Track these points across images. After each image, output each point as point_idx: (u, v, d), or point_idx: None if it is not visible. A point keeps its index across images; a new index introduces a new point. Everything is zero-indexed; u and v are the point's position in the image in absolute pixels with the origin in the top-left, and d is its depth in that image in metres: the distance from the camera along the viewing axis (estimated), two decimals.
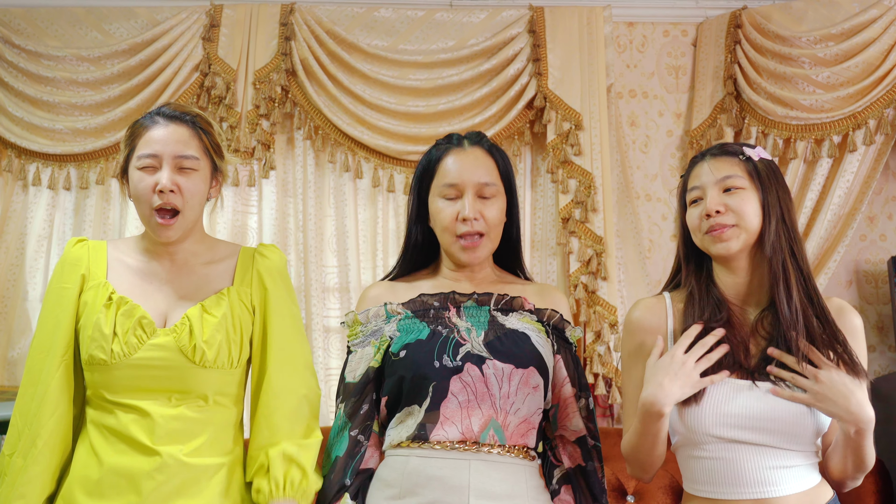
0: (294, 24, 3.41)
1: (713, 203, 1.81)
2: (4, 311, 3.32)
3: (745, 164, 1.84)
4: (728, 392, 1.76)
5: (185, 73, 3.37)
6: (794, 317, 1.76)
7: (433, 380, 1.82)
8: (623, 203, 3.49)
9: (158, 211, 1.84)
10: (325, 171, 3.46)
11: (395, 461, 1.84)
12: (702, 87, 3.56)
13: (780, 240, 1.79)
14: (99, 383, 1.82)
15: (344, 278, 3.38)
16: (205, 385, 1.84)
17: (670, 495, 2.93)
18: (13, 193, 3.40)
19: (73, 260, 1.89)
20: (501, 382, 1.82)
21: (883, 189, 3.52)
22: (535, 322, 1.94)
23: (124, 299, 1.84)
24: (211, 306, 1.88)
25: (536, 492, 1.85)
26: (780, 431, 1.74)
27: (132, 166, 1.86)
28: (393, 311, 1.94)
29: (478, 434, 1.81)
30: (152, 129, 1.86)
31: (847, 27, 3.31)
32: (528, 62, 3.44)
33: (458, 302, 1.94)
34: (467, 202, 1.90)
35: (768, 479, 1.74)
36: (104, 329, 1.80)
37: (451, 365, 1.82)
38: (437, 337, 1.87)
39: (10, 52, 3.40)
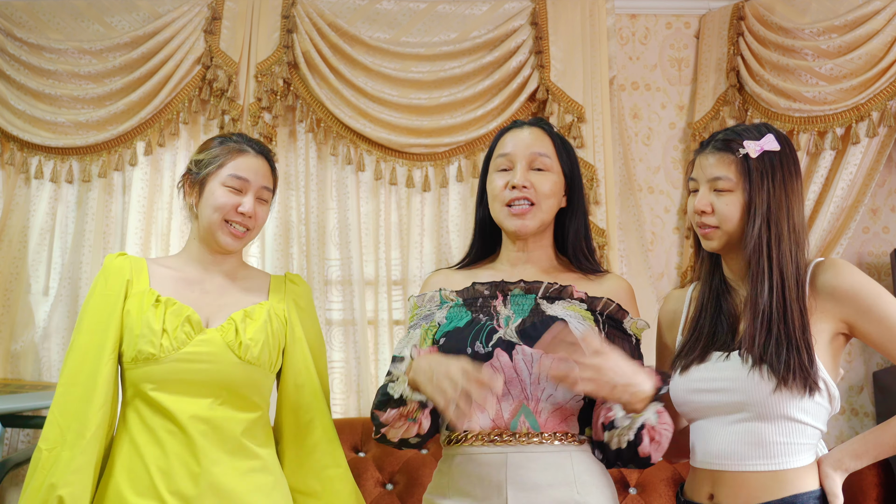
0: (296, 17, 3.41)
1: (700, 202, 1.86)
2: (7, 304, 3.33)
3: (740, 162, 1.84)
4: (699, 363, 1.84)
5: (187, 66, 3.37)
6: (757, 314, 1.78)
7: None
8: (625, 195, 3.49)
9: (230, 224, 2.04)
10: (327, 164, 3.46)
11: (445, 461, 1.89)
12: (704, 79, 3.55)
13: (761, 241, 1.80)
14: (145, 379, 1.92)
15: (346, 271, 3.38)
16: (246, 383, 1.97)
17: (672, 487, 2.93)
18: (15, 187, 3.41)
19: (117, 269, 2.03)
20: (531, 367, 1.80)
21: (886, 181, 3.51)
22: (582, 310, 1.90)
23: (171, 300, 1.98)
24: (252, 312, 2.03)
25: (589, 475, 1.81)
26: (735, 391, 1.76)
27: (215, 181, 2.05)
28: (447, 297, 1.98)
29: (508, 421, 1.80)
30: (244, 157, 2.08)
31: (850, 19, 3.30)
32: (530, 54, 3.44)
33: (506, 290, 1.94)
34: (519, 170, 1.94)
35: (730, 452, 1.77)
36: (154, 325, 1.93)
37: (482, 351, 1.82)
38: (474, 324, 1.88)
39: (12, 45, 3.40)
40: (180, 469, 1.85)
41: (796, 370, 1.72)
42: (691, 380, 1.83)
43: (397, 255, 3.46)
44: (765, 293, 1.78)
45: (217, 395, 1.92)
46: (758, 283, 1.79)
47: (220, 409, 1.92)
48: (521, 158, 1.95)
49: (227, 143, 2.10)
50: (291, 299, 2.13)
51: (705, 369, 1.83)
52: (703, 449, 1.83)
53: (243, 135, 2.16)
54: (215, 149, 2.09)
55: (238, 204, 2.03)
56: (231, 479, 1.88)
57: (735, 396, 1.77)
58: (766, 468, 1.75)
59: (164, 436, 1.88)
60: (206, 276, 2.08)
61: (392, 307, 3.40)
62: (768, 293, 1.78)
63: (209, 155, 2.08)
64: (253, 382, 1.98)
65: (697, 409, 1.84)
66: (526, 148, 1.97)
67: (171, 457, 1.86)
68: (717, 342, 1.86)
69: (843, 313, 1.79)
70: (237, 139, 2.12)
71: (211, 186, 2.05)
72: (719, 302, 1.90)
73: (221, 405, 1.93)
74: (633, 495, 2.94)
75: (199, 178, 2.07)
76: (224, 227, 2.03)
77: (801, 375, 1.72)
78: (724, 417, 1.79)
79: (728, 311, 1.89)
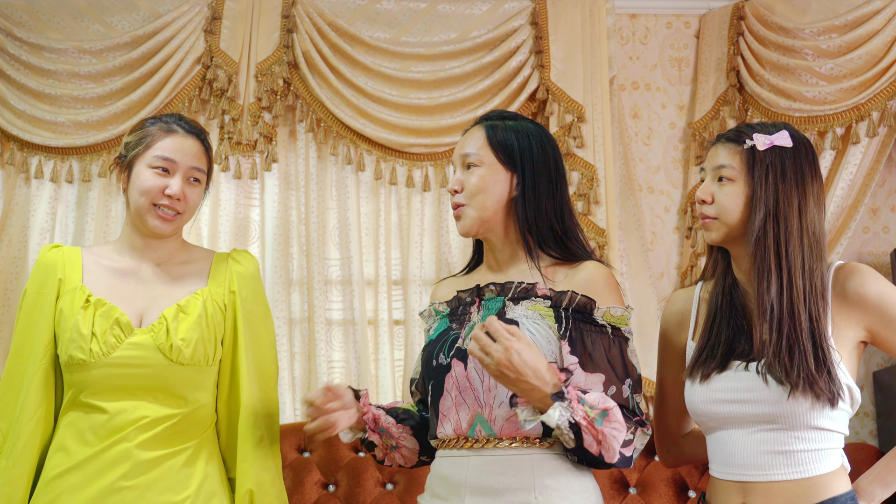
0: (296, 17, 3.41)
1: (702, 191, 1.83)
2: (7, 304, 3.33)
3: (745, 152, 1.79)
4: (719, 373, 1.78)
5: (188, 66, 3.37)
6: (764, 316, 1.73)
7: (431, 378, 1.87)
8: (625, 195, 3.49)
9: (159, 208, 1.94)
10: (327, 164, 3.46)
11: (432, 465, 1.92)
12: (704, 79, 3.55)
13: (766, 236, 1.74)
14: (78, 384, 1.87)
15: (346, 271, 3.38)
16: (181, 382, 1.90)
17: (672, 487, 2.93)
18: (16, 186, 3.40)
19: (48, 265, 1.95)
20: (483, 376, 1.79)
21: (886, 181, 3.51)
22: (545, 308, 1.84)
23: (101, 301, 1.90)
24: (186, 306, 1.94)
25: (552, 479, 1.76)
26: (758, 402, 1.72)
27: (142, 163, 1.95)
28: (438, 310, 1.99)
29: (465, 430, 1.80)
30: (171, 137, 1.97)
31: (850, 18, 3.30)
32: (530, 54, 3.44)
33: (482, 294, 1.91)
34: (456, 174, 1.94)
35: (757, 463, 1.73)
36: (82, 329, 1.86)
37: (444, 363, 1.85)
38: (445, 336, 1.89)
39: (12, 44, 3.40)
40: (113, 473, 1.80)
41: (806, 376, 1.67)
42: (712, 390, 1.77)
43: (397, 255, 3.46)
44: (772, 292, 1.72)
45: (153, 396, 1.86)
46: (764, 281, 1.73)
47: (155, 410, 1.86)
48: (457, 162, 1.95)
49: (156, 123, 2.01)
50: (230, 282, 2.02)
51: (726, 379, 1.77)
52: (727, 460, 1.77)
53: (177, 115, 2.06)
54: (144, 129, 2.00)
55: (165, 186, 1.93)
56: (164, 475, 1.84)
57: (758, 408, 1.72)
58: (796, 476, 1.71)
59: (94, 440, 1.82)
60: (141, 265, 1.99)
61: (392, 307, 3.40)
62: (776, 293, 1.72)
63: (137, 136, 1.99)
64: (189, 381, 1.91)
65: (718, 420, 1.78)
66: (459, 150, 1.95)
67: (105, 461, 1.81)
68: (735, 349, 1.79)
69: (867, 322, 1.75)
70: (167, 119, 2.02)
71: (137, 169, 1.96)
72: (733, 304, 1.83)
73: (158, 405, 1.86)
74: (633, 495, 2.94)
75: (126, 160, 1.99)
76: (152, 211, 1.93)
77: (817, 383, 1.67)
78: (748, 428, 1.74)
79: (742, 314, 1.82)
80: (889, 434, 3.19)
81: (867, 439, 3.28)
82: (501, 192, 1.90)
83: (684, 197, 3.53)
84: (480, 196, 1.89)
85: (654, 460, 3.00)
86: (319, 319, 3.32)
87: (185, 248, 2.08)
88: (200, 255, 2.08)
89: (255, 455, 1.94)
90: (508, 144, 1.92)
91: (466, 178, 1.90)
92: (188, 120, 2.04)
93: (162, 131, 1.98)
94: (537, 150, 1.92)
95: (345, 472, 2.97)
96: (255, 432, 1.95)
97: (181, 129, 1.99)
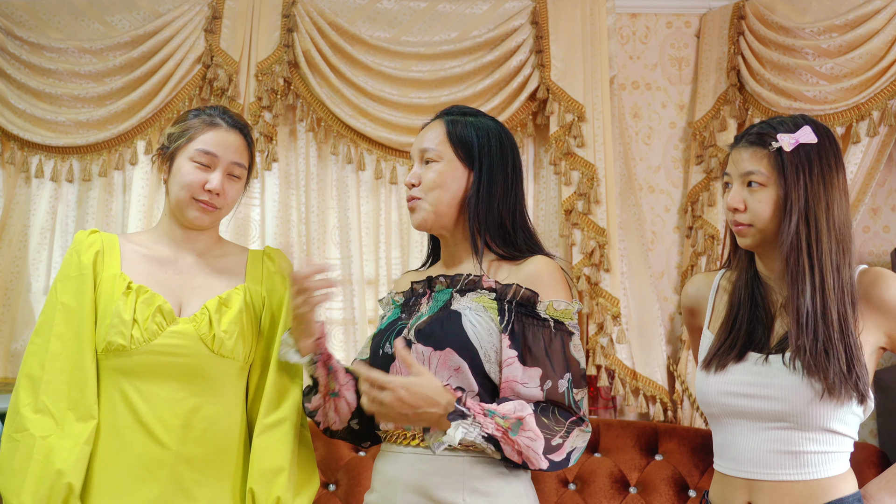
0: (296, 16, 3.41)
1: (734, 199, 1.80)
2: (8, 303, 3.33)
3: (773, 156, 1.77)
4: (736, 364, 1.78)
5: (188, 65, 3.37)
6: (801, 319, 1.71)
7: (377, 367, 1.83)
8: (626, 195, 3.49)
9: (199, 202, 1.95)
10: (327, 163, 3.46)
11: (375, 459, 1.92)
12: (705, 78, 3.55)
13: (799, 239, 1.73)
14: (116, 369, 1.87)
15: (346, 270, 3.38)
16: (218, 373, 1.91)
17: (672, 487, 2.93)
18: (16, 186, 3.40)
19: (88, 246, 1.95)
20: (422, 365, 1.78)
21: (886, 180, 3.51)
22: (489, 300, 1.83)
23: (143, 288, 1.90)
24: (228, 299, 1.95)
25: (482, 483, 1.75)
26: (778, 399, 1.71)
27: (184, 155, 1.96)
28: (394, 299, 2.01)
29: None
30: (214, 130, 1.97)
31: (851, 18, 3.29)
32: (530, 54, 3.44)
33: (433, 286, 1.93)
34: (415, 168, 1.96)
35: (765, 461, 1.73)
36: (124, 315, 1.85)
37: (389, 352, 1.85)
38: (393, 325, 1.90)
39: (12, 44, 3.40)
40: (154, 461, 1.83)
41: (842, 378, 1.67)
42: (727, 382, 1.77)
43: (397, 255, 3.46)
44: (806, 295, 1.71)
45: (191, 384, 1.88)
46: (798, 284, 1.73)
47: (194, 399, 1.87)
48: (415, 156, 1.96)
49: (200, 115, 2.01)
50: (269, 280, 2.05)
51: (743, 371, 1.76)
52: (734, 456, 1.78)
53: (220, 107, 2.05)
54: (187, 122, 2.00)
55: (205, 181, 1.94)
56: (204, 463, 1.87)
57: (775, 405, 1.72)
58: (803, 478, 1.71)
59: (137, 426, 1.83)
60: (179, 255, 2.00)
61: None
62: (810, 295, 1.71)
63: (180, 128, 2.00)
64: (226, 374, 1.93)
65: (727, 411, 1.78)
66: (418, 143, 1.96)
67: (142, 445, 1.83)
68: (753, 342, 1.79)
69: (889, 327, 1.76)
70: (211, 112, 2.02)
71: (179, 161, 1.96)
72: (754, 297, 1.83)
73: (196, 395, 1.88)
74: (634, 494, 2.94)
75: (168, 152, 1.99)
76: (192, 204, 1.95)
77: (849, 382, 1.68)
78: (758, 423, 1.74)
79: (763, 307, 1.82)
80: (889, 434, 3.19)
81: (867, 439, 3.28)
82: (458, 188, 1.91)
83: (685, 196, 3.53)
84: (437, 191, 1.90)
85: (654, 459, 3.00)
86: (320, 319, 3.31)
87: (220, 242, 2.10)
88: (235, 251, 2.10)
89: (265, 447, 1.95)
90: (468, 141, 1.92)
91: (424, 172, 1.92)
92: (232, 113, 2.04)
93: (205, 124, 1.98)
94: (496, 147, 1.92)
95: (345, 471, 2.97)
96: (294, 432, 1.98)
97: (224, 123, 1.99)
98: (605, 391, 3.28)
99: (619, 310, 3.22)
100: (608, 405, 3.35)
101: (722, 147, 3.38)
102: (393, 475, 1.81)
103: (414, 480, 1.77)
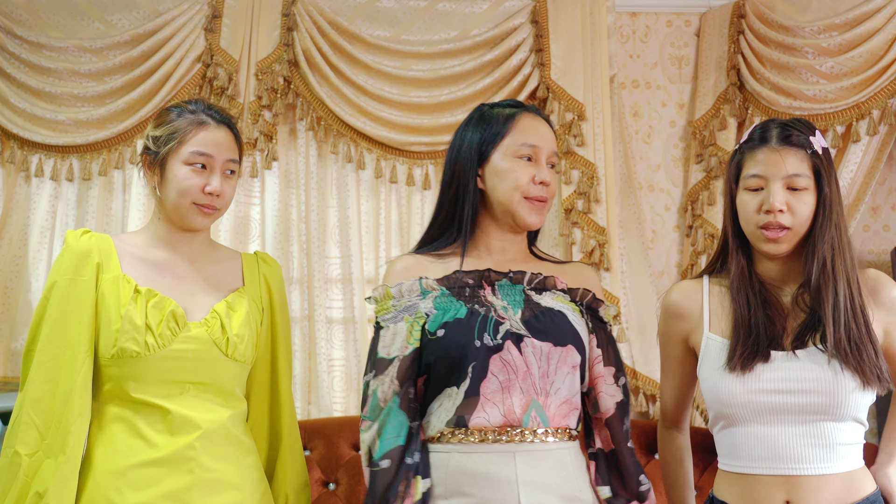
0: (296, 15, 3.41)
1: (778, 200, 1.78)
2: (7, 302, 3.33)
3: (811, 158, 1.79)
4: (763, 364, 1.77)
5: (188, 64, 3.37)
6: (837, 316, 1.75)
7: (473, 359, 1.77)
8: (626, 194, 3.49)
9: (200, 206, 1.91)
10: (327, 162, 3.46)
11: (438, 458, 1.80)
12: (705, 77, 3.55)
13: (833, 240, 1.77)
14: (126, 376, 1.81)
15: (346, 269, 3.38)
16: (229, 377, 1.90)
17: None
18: (16, 185, 3.40)
19: (84, 251, 1.87)
20: (540, 361, 1.79)
21: (886, 179, 3.51)
22: (568, 301, 1.91)
23: (152, 292, 1.85)
24: (234, 303, 1.93)
25: (581, 471, 1.85)
26: (818, 392, 1.72)
27: (177, 159, 1.90)
28: (428, 287, 1.88)
29: (520, 416, 1.77)
30: (205, 130, 1.92)
31: (851, 17, 3.29)
32: (530, 52, 3.44)
33: (492, 280, 1.90)
34: (544, 167, 1.93)
35: (804, 456, 1.72)
36: (136, 321, 1.80)
37: (491, 344, 1.78)
38: (475, 316, 1.82)
39: (12, 43, 3.40)
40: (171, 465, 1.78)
41: (874, 369, 1.73)
42: (759, 380, 1.76)
43: (397, 254, 3.45)
44: (841, 293, 1.75)
45: (204, 389, 1.85)
46: (834, 283, 1.76)
47: (206, 403, 1.85)
48: (545, 154, 1.93)
49: (184, 114, 1.94)
50: (266, 284, 2.04)
51: (773, 369, 1.76)
52: (767, 454, 1.76)
53: (202, 102, 1.99)
54: (173, 122, 1.93)
55: (205, 185, 1.89)
56: (224, 466, 1.83)
57: (815, 398, 1.73)
58: (841, 470, 1.73)
59: (150, 434, 1.79)
60: (175, 259, 1.95)
61: None
62: (844, 293, 1.75)
63: (167, 130, 1.92)
64: (235, 376, 1.92)
65: (759, 410, 1.76)
66: (550, 144, 1.95)
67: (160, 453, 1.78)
68: (772, 340, 1.79)
69: (887, 323, 1.82)
70: (194, 108, 1.95)
71: (173, 166, 1.90)
72: (765, 298, 1.84)
73: (207, 400, 1.85)
74: None
75: (158, 157, 1.92)
76: (193, 209, 1.90)
77: (881, 373, 1.74)
78: (792, 418, 1.74)
79: (774, 308, 1.83)
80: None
81: (868, 438, 3.28)
82: None
83: (684, 195, 3.53)
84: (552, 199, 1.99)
85: (654, 458, 3.00)
86: (320, 318, 3.32)
87: (212, 244, 2.06)
88: (229, 255, 2.06)
89: (293, 459, 2.00)
90: None
91: (553, 179, 1.95)
92: (215, 107, 1.99)
93: (193, 124, 1.92)
94: None
95: (345, 470, 2.97)
96: (295, 435, 2.01)
97: (212, 121, 1.94)
98: None
99: (619, 308, 3.22)
100: None
101: (722, 146, 3.38)
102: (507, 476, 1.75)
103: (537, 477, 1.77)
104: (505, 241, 1.96)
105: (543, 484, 1.75)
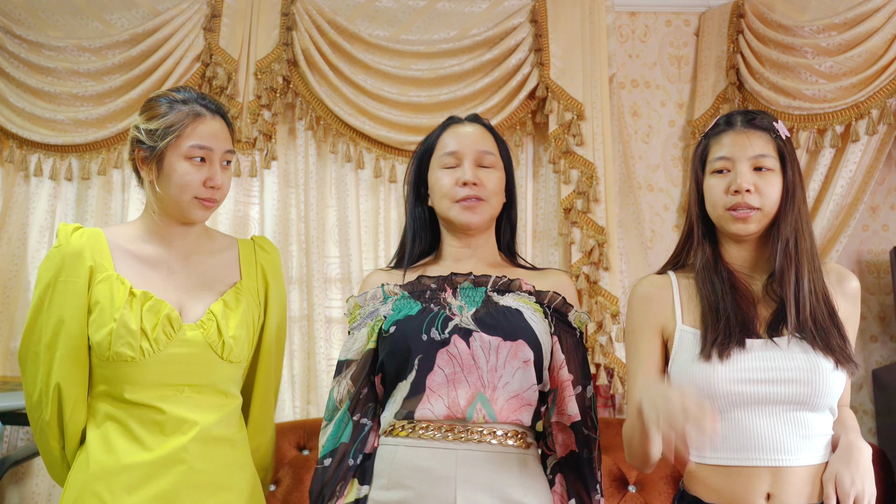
0: (296, 14, 3.41)
1: (745, 180, 1.78)
2: (6, 301, 3.33)
3: (776, 141, 1.81)
4: (741, 351, 1.74)
5: (187, 64, 3.37)
6: (801, 302, 1.76)
7: (419, 352, 1.80)
8: (625, 193, 3.49)
9: (201, 199, 1.89)
10: (326, 162, 3.46)
11: (385, 451, 1.83)
12: (704, 76, 3.55)
13: (798, 223, 1.79)
14: (122, 380, 1.81)
15: (346, 269, 3.38)
16: (224, 378, 1.89)
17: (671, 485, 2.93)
18: (15, 184, 3.40)
19: (76, 251, 1.85)
20: (488, 355, 1.79)
21: (886, 179, 3.51)
22: (532, 303, 1.90)
23: (147, 294, 1.83)
24: (230, 301, 1.91)
25: (532, 480, 1.81)
26: (799, 381, 1.71)
27: (176, 153, 1.86)
28: (390, 292, 1.93)
29: (464, 409, 1.78)
30: (202, 122, 1.88)
31: (850, 16, 3.30)
32: (529, 52, 3.44)
33: (455, 283, 1.92)
34: (467, 167, 1.94)
35: (788, 447, 1.71)
36: (131, 325, 1.79)
37: (438, 338, 1.81)
38: (426, 312, 1.85)
39: (11, 42, 3.40)
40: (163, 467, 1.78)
41: (843, 350, 1.74)
42: (738, 370, 1.72)
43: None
44: (805, 277, 1.77)
45: (198, 391, 1.84)
46: (799, 267, 1.77)
47: (200, 404, 1.84)
48: (468, 155, 1.95)
49: (177, 106, 1.89)
50: (262, 274, 2.01)
51: (752, 358, 1.73)
52: (751, 445, 1.72)
53: (193, 92, 1.94)
54: (168, 115, 1.87)
55: (205, 178, 1.86)
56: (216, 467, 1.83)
57: (798, 388, 1.71)
58: (819, 461, 1.72)
59: (143, 435, 1.79)
60: (170, 254, 1.91)
61: None
62: (808, 276, 1.77)
63: (162, 123, 1.86)
64: (230, 377, 1.90)
65: (741, 400, 1.73)
66: (472, 145, 1.96)
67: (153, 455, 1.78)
68: (744, 328, 1.77)
69: (849, 312, 1.84)
70: (186, 98, 1.90)
71: (172, 161, 1.86)
72: (733, 285, 1.82)
73: (202, 400, 1.84)
74: (633, 493, 2.94)
75: (156, 151, 1.86)
76: (195, 203, 1.87)
77: (849, 353, 1.74)
78: (773, 408, 1.72)
79: (743, 295, 1.81)
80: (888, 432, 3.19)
81: (866, 437, 3.29)
82: (502, 198, 2.01)
83: (683, 195, 3.53)
84: (498, 196, 1.98)
85: None
86: (319, 317, 3.32)
87: (208, 233, 2.01)
88: (225, 244, 2.02)
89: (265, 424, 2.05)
90: (508, 155, 2.04)
91: (484, 176, 1.95)
92: (206, 97, 1.95)
93: (189, 117, 1.87)
94: (512, 165, 2.07)
95: (287, 469, 2.95)
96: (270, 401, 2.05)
97: (207, 112, 1.90)
98: (604, 389, 3.28)
99: (618, 308, 3.22)
100: (607, 403, 3.35)
101: None
102: (445, 473, 1.76)
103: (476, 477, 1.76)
104: (461, 247, 1.99)
105: (483, 484, 1.75)
